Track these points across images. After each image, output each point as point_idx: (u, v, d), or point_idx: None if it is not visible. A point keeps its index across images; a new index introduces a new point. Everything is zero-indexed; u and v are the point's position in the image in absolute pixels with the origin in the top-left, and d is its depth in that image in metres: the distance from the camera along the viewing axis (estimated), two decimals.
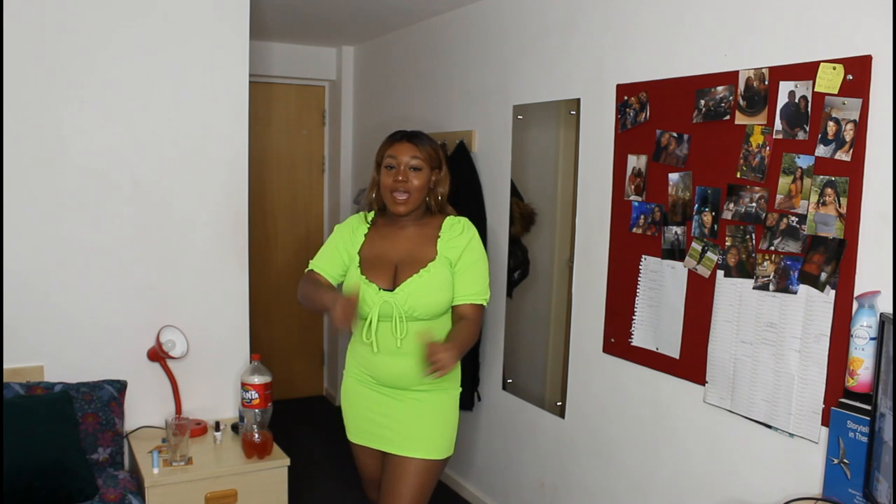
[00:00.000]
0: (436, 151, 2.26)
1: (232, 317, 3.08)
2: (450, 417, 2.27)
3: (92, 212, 2.80)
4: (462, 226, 2.25)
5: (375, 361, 2.20)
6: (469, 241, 2.22)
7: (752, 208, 2.13)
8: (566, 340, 2.93)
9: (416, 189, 2.20)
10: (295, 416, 4.65)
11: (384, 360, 2.18)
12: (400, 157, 2.20)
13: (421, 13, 3.77)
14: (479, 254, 2.23)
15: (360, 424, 2.30)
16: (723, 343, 2.24)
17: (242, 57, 3.01)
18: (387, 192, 2.22)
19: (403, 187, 2.19)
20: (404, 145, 2.22)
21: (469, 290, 2.20)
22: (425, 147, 2.23)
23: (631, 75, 2.57)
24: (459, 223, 2.25)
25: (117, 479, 2.57)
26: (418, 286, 2.15)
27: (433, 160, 2.24)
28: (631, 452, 2.63)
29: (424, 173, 2.21)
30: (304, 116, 4.97)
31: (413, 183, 2.19)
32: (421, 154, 2.21)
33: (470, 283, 2.20)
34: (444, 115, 3.75)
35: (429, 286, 2.15)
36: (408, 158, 2.20)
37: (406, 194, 2.19)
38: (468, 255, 2.20)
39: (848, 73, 1.87)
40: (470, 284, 2.20)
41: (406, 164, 2.19)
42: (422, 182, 2.21)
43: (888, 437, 1.66)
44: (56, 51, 2.70)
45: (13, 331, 2.67)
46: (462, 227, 2.24)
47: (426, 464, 2.19)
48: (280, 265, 4.95)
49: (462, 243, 2.21)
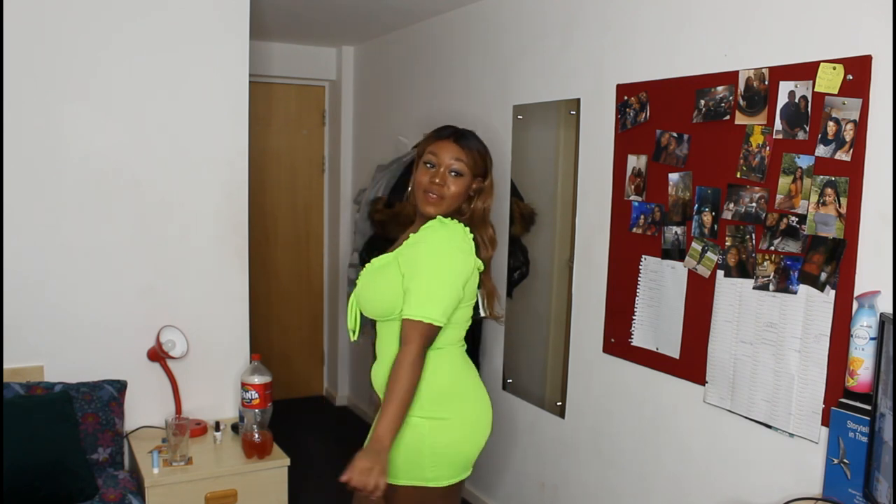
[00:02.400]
0: (483, 158, 2.02)
1: (232, 317, 3.08)
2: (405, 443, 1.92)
3: (92, 212, 2.80)
4: (425, 233, 1.92)
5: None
6: (418, 248, 1.90)
7: (752, 208, 2.13)
8: (566, 340, 2.93)
9: (452, 196, 1.95)
10: (295, 416, 4.65)
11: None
12: (442, 157, 1.96)
13: (421, 13, 3.77)
14: (424, 261, 1.87)
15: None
16: (723, 343, 2.24)
17: (242, 57, 3.01)
18: (420, 190, 1.98)
19: (438, 191, 1.94)
20: (449, 145, 1.97)
21: (407, 302, 1.86)
22: (472, 152, 1.99)
23: (631, 75, 2.57)
24: (428, 229, 1.92)
25: (117, 479, 2.57)
26: (363, 280, 2.02)
27: (478, 167, 2.00)
28: (631, 452, 2.63)
29: (465, 180, 1.97)
30: (304, 116, 4.97)
31: (450, 189, 1.94)
32: (466, 158, 1.96)
33: (409, 293, 1.86)
34: (444, 115, 3.75)
35: (369, 282, 1.99)
36: (450, 160, 1.96)
37: (439, 198, 1.95)
38: (412, 261, 1.89)
39: (848, 73, 1.87)
40: (409, 295, 1.86)
41: (447, 167, 1.95)
42: (459, 189, 1.96)
43: (888, 437, 1.66)
44: (56, 50, 2.70)
45: (13, 331, 2.67)
46: (421, 235, 1.92)
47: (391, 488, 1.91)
48: (280, 265, 4.95)
49: (414, 248, 1.91)
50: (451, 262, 1.89)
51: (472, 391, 2.06)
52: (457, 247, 1.91)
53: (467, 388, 2.04)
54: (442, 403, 1.97)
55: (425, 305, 1.84)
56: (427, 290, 1.85)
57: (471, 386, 2.06)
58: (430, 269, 1.86)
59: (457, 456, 2.01)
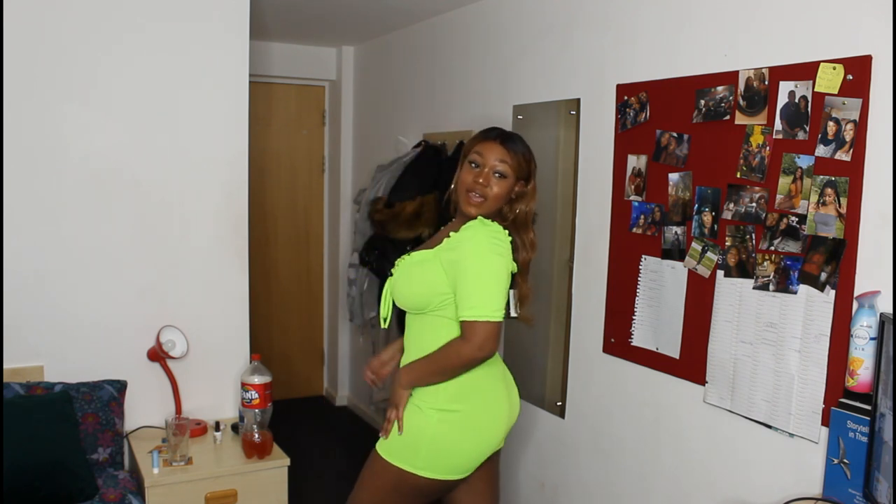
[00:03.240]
0: (528, 162, 2.05)
1: (232, 317, 3.08)
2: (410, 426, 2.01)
3: (92, 212, 2.80)
4: (467, 233, 1.96)
5: None
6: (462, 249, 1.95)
7: (752, 208, 2.13)
8: (566, 340, 2.93)
9: (494, 197, 1.99)
10: (295, 416, 4.65)
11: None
12: (486, 158, 2.00)
13: (421, 13, 3.77)
14: (471, 264, 1.92)
15: None
16: (723, 343, 2.24)
17: (242, 57, 3.01)
18: (462, 189, 2.01)
19: (481, 191, 1.98)
20: (495, 146, 2.01)
21: (460, 305, 1.93)
22: (518, 154, 2.02)
23: (631, 75, 2.57)
24: (470, 230, 1.97)
25: (117, 479, 2.57)
26: (400, 271, 2.07)
27: (521, 170, 2.03)
28: (631, 452, 2.62)
29: (508, 182, 2.01)
30: (304, 116, 4.98)
31: (493, 189, 1.99)
32: (510, 160, 2.00)
33: (460, 297, 1.93)
34: (444, 115, 3.75)
35: (406, 273, 2.05)
36: (495, 161, 1.99)
37: (482, 198, 1.99)
38: (459, 264, 1.94)
39: (848, 73, 1.87)
40: (460, 298, 1.93)
41: (491, 168, 1.99)
42: (502, 191, 2.00)
43: (888, 437, 1.66)
44: (56, 50, 2.70)
45: (13, 331, 2.67)
46: (464, 235, 1.97)
47: (374, 454, 2.06)
48: (280, 265, 4.95)
49: (458, 250, 1.96)
50: (493, 261, 1.93)
51: (490, 393, 2.06)
52: (497, 248, 1.95)
53: (485, 389, 2.05)
54: (456, 398, 2.00)
55: (479, 305, 1.89)
56: (478, 290, 1.90)
57: (489, 388, 2.06)
58: (476, 270, 1.92)
59: (455, 454, 2.02)
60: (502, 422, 2.08)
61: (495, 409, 2.07)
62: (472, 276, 1.91)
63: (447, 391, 1.99)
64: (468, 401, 2.01)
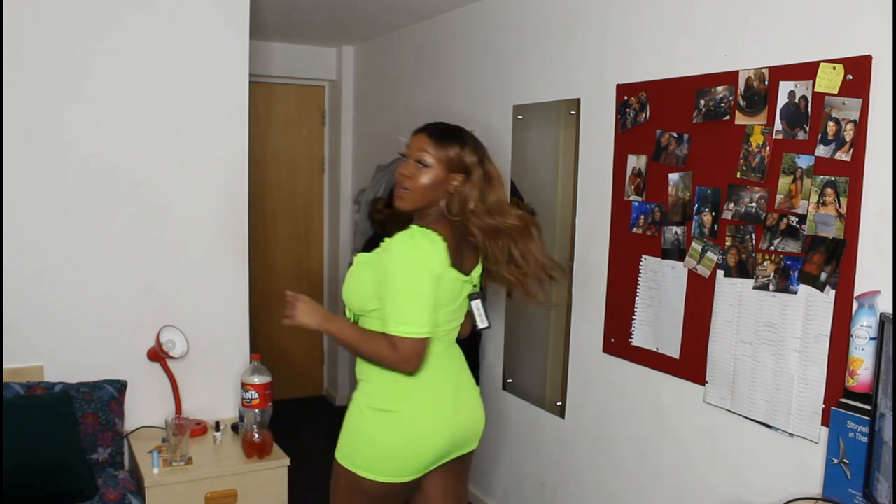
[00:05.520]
0: (458, 154, 1.97)
1: (232, 317, 3.08)
2: (350, 426, 2.02)
3: (92, 212, 2.80)
4: (395, 245, 1.90)
5: None
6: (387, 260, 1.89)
7: (752, 208, 2.13)
8: (566, 340, 2.93)
9: (418, 188, 1.95)
10: (295, 416, 4.65)
11: None
12: (411, 149, 1.98)
13: (421, 13, 3.77)
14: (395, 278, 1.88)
15: None
16: (723, 343, 2.24)
17: (242, 57, 3.01)
18: (396, 184, 2.01)
19: (406, 183, 1.96)
20: (420, 137, 1.99)
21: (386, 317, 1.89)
22: (444, 144, 1.96)
23: (631, 75, 2.57)
24: (398, 242, 1.90)
25: (117, 479, 2.57)
26: (350, 270, 2.05)
27: (452, 162, 1.96)
28: (631, 452, 2.63)
29: (433, 172, 1.94)
30: (304, 116, 4.97)
31: (416, 181, 1.94)
32: (433, 150, 1.95)
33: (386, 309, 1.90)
34: (445, 115, 3.74)
35: (350, 276, 2.03)
36: (417, 151, 1.96)
37: (406, 190, 1.96)
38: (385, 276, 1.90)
39: (848, 73, 1.87)
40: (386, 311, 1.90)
41: (415, 158, 1.96)
42: (426, 181, 1.94)
43: (888, 437, 1.66)
44: (56, 51, 2.70)
45: (13, 331, 2.67)
46: (393, 245, 1.91)
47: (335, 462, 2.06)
48: (280, 265, 4.95)
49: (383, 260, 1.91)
50: (418, 275, 1.88)
51: (432, 396, 2.00)
52: (418, 261, 1.88)
53: (426, 392, 1.99)
54: (391, 399, 1.97)
55: (403, 321, 1.87)
56: (402, 305, 1.87)
57: (431, 390, 2.00)
58: (400, 284, 1.88)
59: (393, 456, 1.96)
60: (445, 426, 2.01)
61: (436, 413, 2.00)
62: (396, 290, 1.88)
63: (383, 391, 1.97)
64: (405, 402, 1.96)
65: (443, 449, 2.02)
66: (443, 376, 2.03)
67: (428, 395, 2.00)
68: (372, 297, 1.95)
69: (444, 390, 2.03)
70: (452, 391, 2.05)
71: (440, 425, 2.00)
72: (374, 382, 2.00)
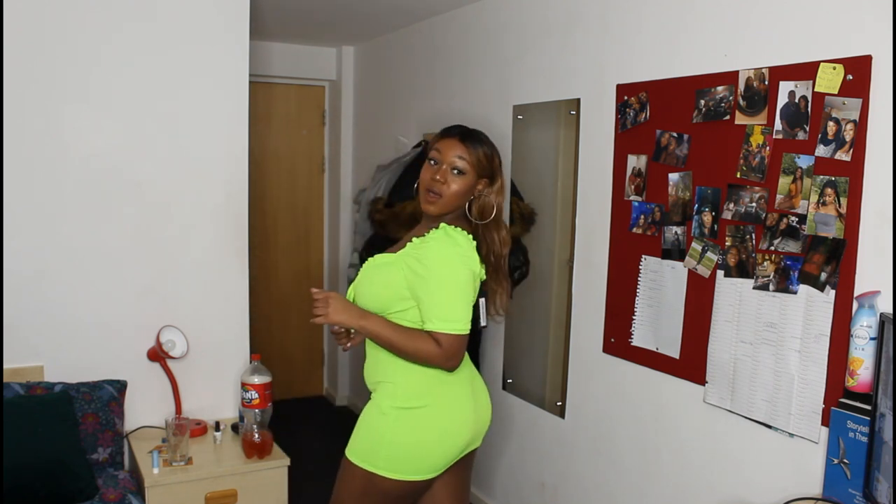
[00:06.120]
0: (489, 159, 1.99)
1: (232, 317, 3.08)
2: (370, 427, 2.01)
3: (92, 212, 2.80)
4: (432, 242, 1.92)
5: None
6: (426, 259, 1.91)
7: (752, 208, 2.13)
8: (566, 340, 2.93)
9: (452, 194, 1.95)
10: (295, 416, 4.65)
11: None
12: (445, 155, 1.96)
13: (421, 13, 3.77)
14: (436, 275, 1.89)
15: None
16: (723, 343, 2.24)
17: (242, 57, 3.01)
18: (423, 187, 1.99)
19: (438, 188, 1.95)
20: (454, 143, 1.97)
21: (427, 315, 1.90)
22: (477, 150, 1.97)
23: (631, 75, 2.57)
24: (434, 240, 1.92)
25: (117, 479, 2.57)
26: (363, 275, 2.05)
27: (482, 168, 1.98)
28: (631, 452, 2.63)
29: (467, 179, 1.96)
30: (304, 116, 4.97)
31: (450, 187, 1.94)
32: (469, 157, 1.95)
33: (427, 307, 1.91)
34: (444, 115, 3.74)
35: (367, 276, 2.03)
36: (453, 158, 1.95)
37: (437, 195, 1.95)
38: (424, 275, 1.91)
39: (848, 73, 1.87)
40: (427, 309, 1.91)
41: (449, 164, 1.95)
42: (461, 188, 1.95)
43: (888, 437, 1.66)
44: (57, 51, 2.70)
45: (13, 331, 2.67)
46: (429, 244, 1.92)
47: (345, 460, 2.04)
48: (280, 265, 4.95)
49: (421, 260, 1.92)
50: (458, 271, 1.91)
51: (454, 393, 2.03)
52: (461, 258, 1.92)
53: (448, 388, 2.01)
54: (415, 396, 1.98)
55: (448, 317, 1.88)
56: (445, 301, 1.88)
57: (452, 387, 2.02)
58: (442, 281, 1.89)
59: (417, 454, 1.98)
60: (467, 422, 2.04)
61: (458, 409, 2.03)
62: (439, 287, 1.89)
63: (406, 390, 1.98)
64: (428, 398, 1.98)
65: (465, 444, 2.05)
66: (464, 373, 2.07)
67: (454, 392, 2.03)
68: (399, 298, 1.95)
69: (464, 387, 2.06)
70: (471, 388, 2.08)
71: (464, 420, 2.03)
72: (398, 381, 1.99)
